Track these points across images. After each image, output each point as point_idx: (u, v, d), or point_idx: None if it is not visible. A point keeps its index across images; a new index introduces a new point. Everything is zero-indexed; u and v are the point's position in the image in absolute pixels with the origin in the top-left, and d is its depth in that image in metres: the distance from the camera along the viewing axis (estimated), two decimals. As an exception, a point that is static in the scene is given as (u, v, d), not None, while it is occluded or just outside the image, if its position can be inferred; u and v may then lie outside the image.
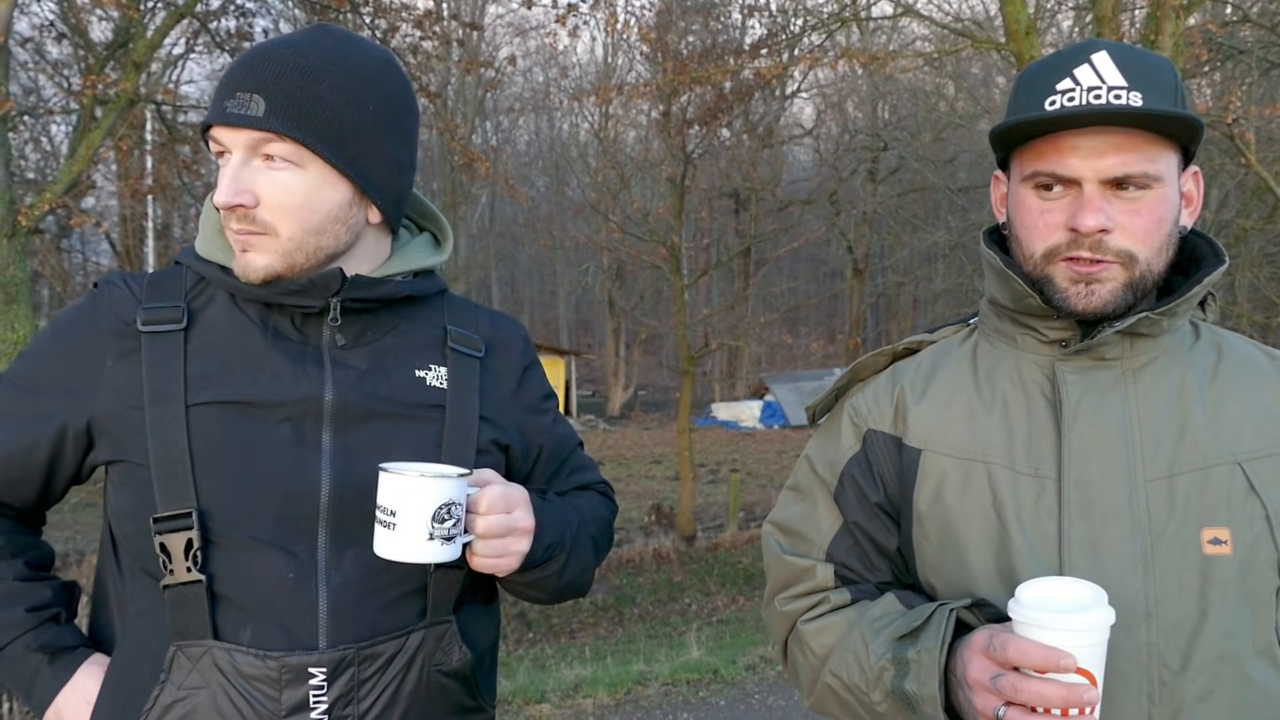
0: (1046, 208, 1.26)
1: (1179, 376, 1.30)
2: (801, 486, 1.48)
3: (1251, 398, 1.30)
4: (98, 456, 1.34)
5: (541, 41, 32.79)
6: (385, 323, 1.42)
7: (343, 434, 1.33)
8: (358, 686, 1.28)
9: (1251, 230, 14.31)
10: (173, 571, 1.26)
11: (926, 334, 1.50)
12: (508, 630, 11.52)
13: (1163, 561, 1.22)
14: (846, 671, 1.30)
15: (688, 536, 14.94)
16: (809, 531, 1.43)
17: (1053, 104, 1.23)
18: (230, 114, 1.29)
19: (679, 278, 16.42)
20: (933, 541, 1.33)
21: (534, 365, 1.57)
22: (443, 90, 18.06)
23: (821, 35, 12.78)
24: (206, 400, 1.30)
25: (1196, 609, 1.20)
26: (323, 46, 1.33)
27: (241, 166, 1.31)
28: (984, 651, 1.13)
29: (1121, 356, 1.29)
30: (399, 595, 1.33)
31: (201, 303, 1.38)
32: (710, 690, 6.12)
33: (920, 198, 26.67)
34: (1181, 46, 7.93)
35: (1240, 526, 1.22)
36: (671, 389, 36.10)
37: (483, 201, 34.96)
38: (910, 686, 1.20)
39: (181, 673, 1.26)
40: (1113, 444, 1.26)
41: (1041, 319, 1.31)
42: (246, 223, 1.31)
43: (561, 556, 1.43)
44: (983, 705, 1.12)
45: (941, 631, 1.19)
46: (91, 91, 9.54)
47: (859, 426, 1.42)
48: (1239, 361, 1.34)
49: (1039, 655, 1.07)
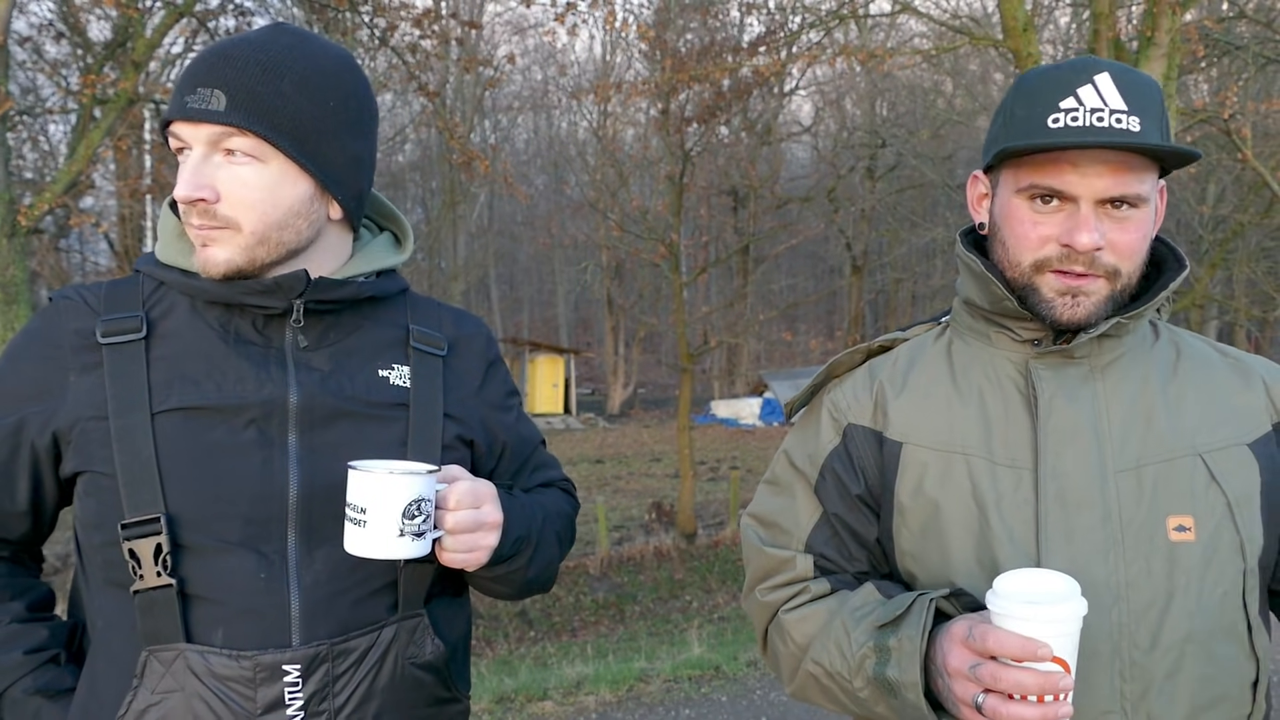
0: (1040, 220, 1.30)
1: (1142, 373, 1.37)
2: (780, 480, 1.52)
3: (1209, 393, 1.37)
4: (64, 469, 1.34)
5: (540, 40, 32.87)
6: (348, 323, 1.42)
7: (308, 435, 1.34)
8: (332, 682, 1.29)
9: (1249, 225, 14.32)
10: (143, 577, 1.25)
11: (900, 332, 1.54)
12: (509, 629, 11.54)
13: (1132, 548, 1.29)
14: (828, 659, 1.35)
15: (688, 534, 14.97)
16: (788, 523, 1.47)
17: (1056, 121, 1.27)
18: (191, 109, 1.29)
19: (678, 275, 16.43)
20: (913, 532, 1.38)
21: (497, 362, 1.59)
22: (442, 89, 18.07)
23: (820, 32, 12.79)
24: (171, 407, 1.30)
25: (1164, 592, 1.27)
26: (282, 44, 1.34)
27: (202, 162, 1.30)
28: (963, 642, 1.18)
29: (1090, 354, 1.35)
30: (370, 591, 1.34)
31: (161, 310, 1.37)
32: (712, 686, 6.14)
33: (918, 194, 26.69)
34: (1178, 42, 7.95)
35: (1203, 514, 1.30)
36: (671, 387, 36.12)
37: (481, 200, 34.96)
38: (892, 673, 1.25)
39: (154, 677, 1.26)
40: (1084, 436, 1.32)
41: (1016, 320, 1.36)
42: (207, 218, 1.31)
43: (528, 551, 1.45)
44: (962, 693, 1.18)
45: (922, 620, 1.24)
46: (91, 91, 9.56)
47: (839, 421, 1.45)
48: (1196, 359, 1.42)
49: (1017, 646, 1.12)
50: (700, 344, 19.24)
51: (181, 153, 1.33)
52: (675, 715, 5.66)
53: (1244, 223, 14.42)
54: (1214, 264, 15.13)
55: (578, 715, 5.67)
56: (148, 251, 1.45)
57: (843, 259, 33.02)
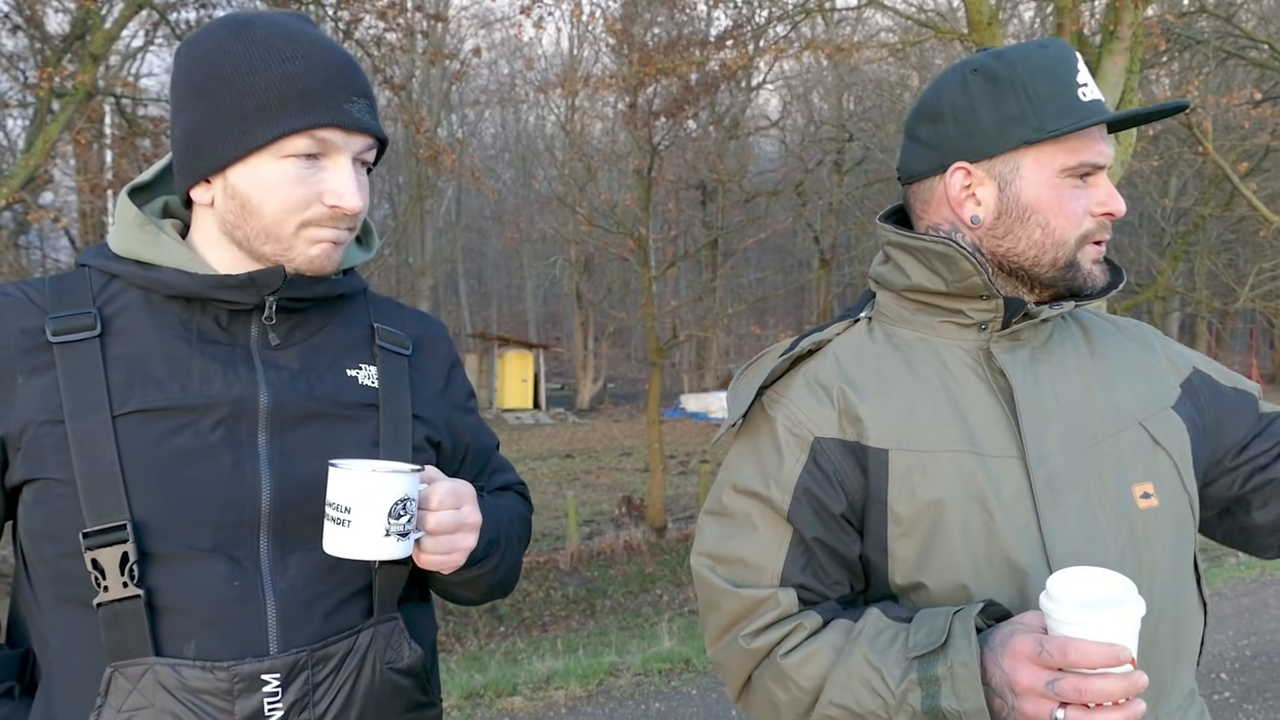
0: (1078, 196, 1.33)
1: (1070, 351, 1.40)
2: (730, 511, 1.39)
3: (1126, 363, 1.42)
4: (11, 478, 1.24)
5: (507, 33, 32.66)
6: (314, 322, 1.39)
7: (279, 436, 1.29)
8: (313, 690, 1.25)
9: (1210, 218, 14.53)
10: (107, 588, 1.19)
11: (818, 333, 1.45)
12: (479, 625, 11.51)
13: (1112, 524, 1.29)
14: (854, 699, 1.24)
15: (659, 528, 15.00)
16: (753, 558, 1.35)
17: (1085, 95, 1.31)
18: (356, 119, 1.29)
19: (647, 270, 16.44)
20: (915, 539, 1.30)
21: (458, 364, 1.56)
22: (408, 83, 17.93)
23: (787, 26, 12.82)
24: (133, 409, 1.23)
25: (1147, 563, 1.30)
26: (340, 46, 1.34)
27: (356, 171, 1.32)
28: (1032, 659, 1.12)
29: (1030, 337, 1.37)
30: (346, 596, 1.30)
31: (115, 307, 1.30)
32: (682, 680, 6.14)
33: (886, 188, 26.76)
34: (1140, 36, 8.03)
35: (1160, 479, 1.34)
36: (640, 381, 36.16)
37: (449, 195, 34.77)
38: (948, 704, 1.17)
39: (120, 695, 1.19)
40: (1054, 417, 1.32)
41: (970, 300, 1.35)
42: (351, 223, 1.33)
43: (498, 553, 1.43)
44: (1035, 711, 1.12)
45: (972, 644, 1.17)
46: (48, 84, 9.38)
47: (802, 437, 1.35)
48: (1102, 332, 1.46)
49: (1101, 654, 1.08)
50: (669, 338, 19.27)
51: (316, 158, 1.29)
52: (645, 709, 5.66)
53: (1205, 215, 14.63)
54: (1175, 256, 15.33)
55: (548, 710, 5.66)
56: (93, 244, 1.39)
57: (810, 253, 33.12)
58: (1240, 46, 11.55)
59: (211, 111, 1.26)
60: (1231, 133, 12.59)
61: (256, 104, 1.25)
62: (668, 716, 5.52)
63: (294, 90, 1.25)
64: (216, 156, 1.27)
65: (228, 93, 1.25)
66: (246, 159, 1.27)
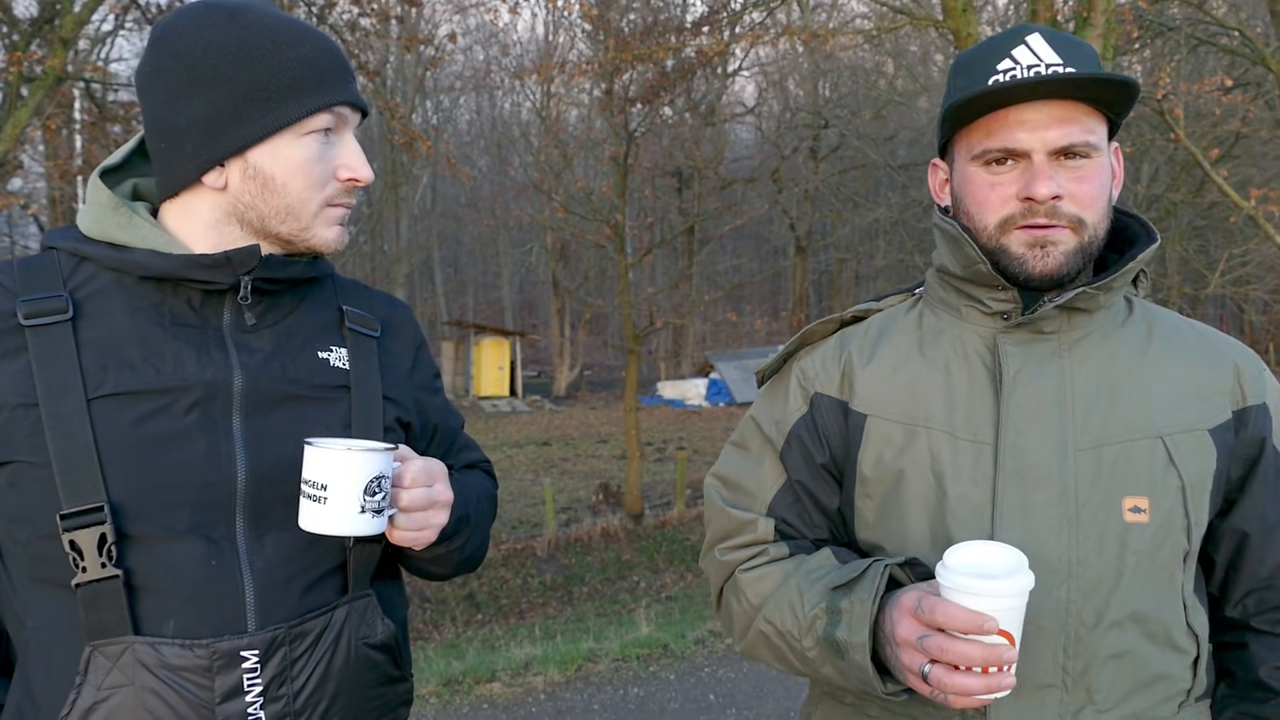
0: (997, 181, 1.32)
1: (1111, 351, 1.37)
2: (746, 443, 1.54)
3: (1177, 374, 1.37)
4: None
5: (482, 19, 32.54)
6: (285, 304, 1.40)
7: (253, 418, 1.31)
8: (290, 665, 1.28)
9: (1181, 204, 14.67)
10: (85, 569, 1.20)
11: (873, 302, 1.55)
12: (457, 613, 11.50)
13: (1086, 526, 1.30)
14: (780, 618, 1.37)
15: (636, 515, 15.02)
16: (751, 486, 1.49)
17: (995, 81, 1.30)
18: (360, 96, 1.37)
19: (623, 257, 16.41)
20: (874, 503, 1.40)
21: (424, 345, 1.59)
22: (382, 68, 17.79)
23: (762, 12, 12.81)
24: (108, 392, 1.24)
25: (1114, 571, 1.30)
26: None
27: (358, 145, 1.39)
28: (912, 613, 1.20)
29: (1059, 330, 1.36)
30: (321, 574, 1.33)
31: (86, 290, 1.30)
32: (660, 665, 6.17)
33: (861, 175, 26.91)
34: (1113, 23, 8.08)
35: (1159, 496, 1.31)
36: (617, 368, 36.17)
37: (424, 182, 34.61)
38: (841, 634, 1.28)
39: (100, 673, 1.21)
40: (1048, 413, 1.33)
41: (987, 289, 1.36)
42: (354, 198, 1.40)
43: (467, 530, 1.46)
44: (909, 662, 1.20)
45: (875, 586, 1.26)
46: (17, 69, 9.25)
47: (806, 389, 1.47)
48: (1168, 338, 1.41)
49: (964, 619, 1.14)
50: (646, 325, 19.25)
51: (328, 133, 1.35)
52: (624, 694, 5.68)
53: (1176, 202, 14.76)
54: (1147, 242, 15.39)
55: (526, 696, 5.67)
56: (60, 226, 1.39)
57: (787, 240, 33.22)
58: (1211, 33, 11.64)
59: (228, 96, 1.28)
60: (1203, 119, 12.69)
61: (280, 85, 1.29)
62: (646, 701, 5.55)
63: (314, 70, 1.32)
64: (237, 138, 1.29)
65: (246, 77, 1.28)
66: (270, 139, 1.30)
